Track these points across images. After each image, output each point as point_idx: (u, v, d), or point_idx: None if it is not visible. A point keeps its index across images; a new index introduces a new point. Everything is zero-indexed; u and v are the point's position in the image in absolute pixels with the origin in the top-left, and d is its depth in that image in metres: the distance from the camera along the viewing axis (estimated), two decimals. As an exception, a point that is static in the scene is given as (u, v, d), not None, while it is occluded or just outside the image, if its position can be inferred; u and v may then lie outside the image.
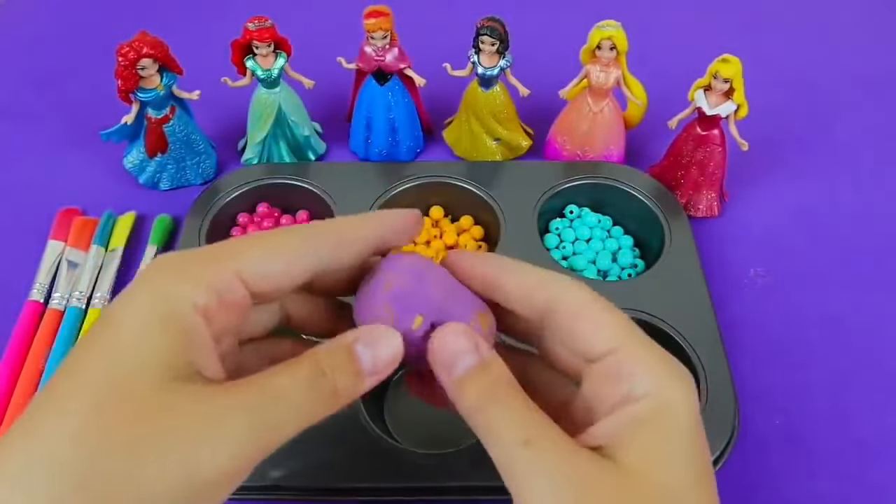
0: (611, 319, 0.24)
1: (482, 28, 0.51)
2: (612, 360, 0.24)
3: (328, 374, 0.23)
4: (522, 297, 0.26)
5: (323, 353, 0.23)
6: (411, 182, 0.53)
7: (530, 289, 0.25)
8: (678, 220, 0.51)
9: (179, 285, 0.22)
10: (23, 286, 0.49)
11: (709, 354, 0.43)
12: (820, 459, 0.43)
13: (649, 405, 0.23)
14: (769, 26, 0.73)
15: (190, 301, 0.22)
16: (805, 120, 0.64)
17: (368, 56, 0.53)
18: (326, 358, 0.23)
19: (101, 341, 0.21)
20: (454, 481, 0.38)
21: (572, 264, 0.51)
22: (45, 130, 0.62)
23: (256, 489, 0.38)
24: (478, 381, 0.24)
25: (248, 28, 0.51)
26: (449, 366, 0.24)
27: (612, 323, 0.24)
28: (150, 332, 0.21)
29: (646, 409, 0.22)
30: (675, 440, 0.22)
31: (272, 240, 0.24)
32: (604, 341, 0.24)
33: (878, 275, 0.52)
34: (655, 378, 0.23)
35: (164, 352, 0.21)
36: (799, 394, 0.46)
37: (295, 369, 0.23)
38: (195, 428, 0.20)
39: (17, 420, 0.20)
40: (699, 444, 0.23)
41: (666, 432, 0.22)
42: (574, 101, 0.55)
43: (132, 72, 0.49)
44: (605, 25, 0.51)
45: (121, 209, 0.55)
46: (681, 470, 0.22)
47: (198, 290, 0.22)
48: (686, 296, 0.46)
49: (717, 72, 0.49)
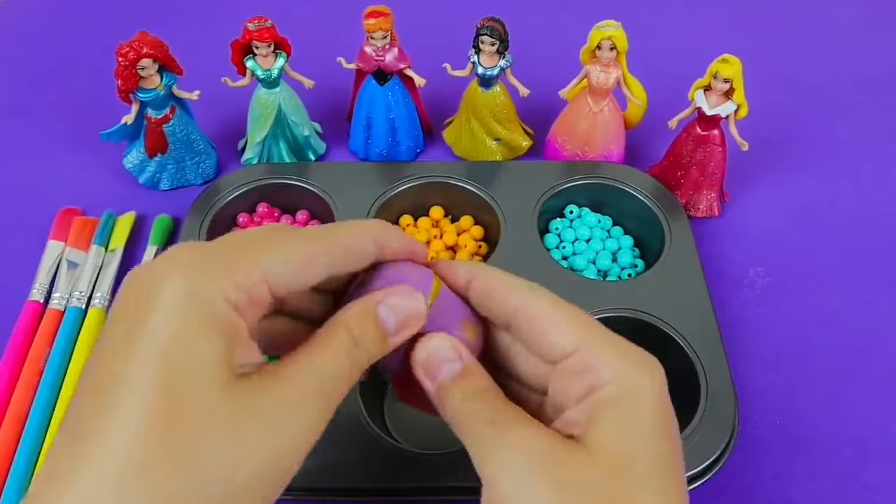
0: (571, 320, 0.25)
1: (482, 28, 0.51)
2: (576, 358, 0.24)
3: (360, 343, 0.24)
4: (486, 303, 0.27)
5: (352, 321, 0.25)
6: (411, 182, 0.53)
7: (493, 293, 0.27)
8: (678, 220, 0.51)
9: (212, 282, 0.21)
10: (23, 286, 0.49)
11: (709, 354, 0.43)
12: (820, 459, 0.43)
13: (612, 390, 0.23)
14: (769, 26, 0.73)
15: (226, 298, 0.21)
16: (805, 120, 0.64)
17: (368, 56, 0.53)
18: (356, 326, 0.24)
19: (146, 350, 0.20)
20: (454, 481, 0.38)
21: (572, 264, 0.51)
22: (45, 130, 0.62)
23: (256, 489, 0.38)
24: (460, 386, 0.25)
25: (248, 28, 0.51)
26: (432, 373, 0.25)
27: (573, 322, 0.25)
28: (196, 337, 0.20)
29: (609, 393, 0.23)
30: (637, 418, 0.23)
31: (295, 243, 0.24)
32: (566, 341, 0.25)
33: (878, 274, 0.52)
34: (618, 366, 0.24)
35: (214, 355, 0.21)
36: (799, 394, 0.46)
37: (335, 344, 0.24)
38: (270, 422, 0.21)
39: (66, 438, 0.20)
40: (665, 421, 0.23)
41: (629, 411, 0.23)
42: (574, 101, 0.55)
43: (132, 72, 0.49)
44: (605, 25, 0.51)
45: (121, 209, 0.55)
46: (643, 443, 0.22)
47: (229, 287, 0.22)
48: (686, 296, 0.46)
49: (717, 72, 0.49)
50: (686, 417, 0.41)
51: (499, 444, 0.23)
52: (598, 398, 0.23)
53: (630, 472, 0.22)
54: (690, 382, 0.42)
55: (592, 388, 0.24)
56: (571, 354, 0.24)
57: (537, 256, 0.49)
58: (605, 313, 0.45)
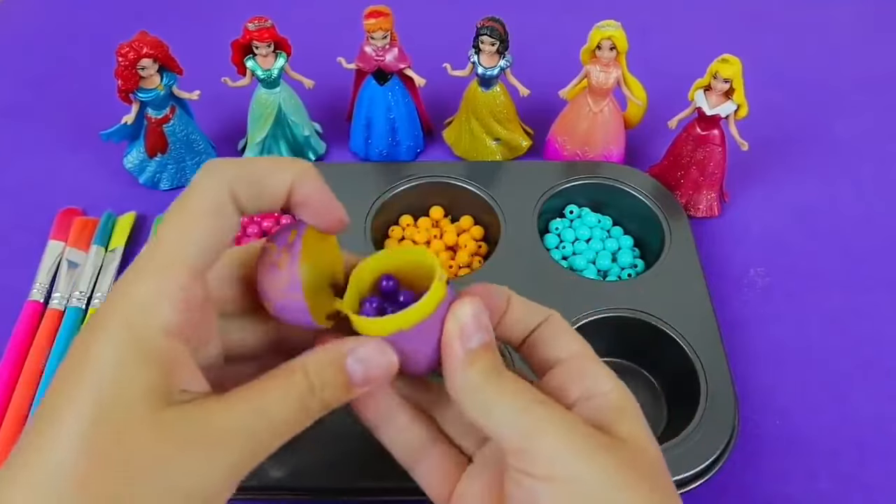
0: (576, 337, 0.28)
1: (482, 28, 0.51)
2: (576, 362, 0.27)
3: (317, 390, 0.23)
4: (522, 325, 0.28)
5: (313, 366, 0.23)
6: (411, 182, 0.53)
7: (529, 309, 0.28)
8: (678, 220, 0.51)
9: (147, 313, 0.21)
10: (23, 286, 0.49)
11: (709, 354, 0.43)
12: (820, 459, 0.43)
13: (617, 396, 0.26)
14: (769, 26, 0.73)
15: (161, 328, 0.21)
16: (805, 120, 0.64)
17: (368, 56, 0.53)
18: (317, 373, 0.23)
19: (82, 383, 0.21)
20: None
21: (572, 264, 0.51)
22: (45, 130, 0.62)
23: (257, 489, 0.38)
24: (485, 357, 0.25)
25: (248, 28, 0.51)
26: (466, 337, 0.25)
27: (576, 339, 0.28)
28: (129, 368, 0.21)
29: (616, 399, 0.26)
30: (640, 417, 0.26)
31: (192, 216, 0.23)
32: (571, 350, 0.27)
33: (878, 274, 0.52)
34: (612, 380, 0.26)
35: (146, 383, 0.21)
36: (799, 394, 0.46)
37: (286, 385, 0.23)
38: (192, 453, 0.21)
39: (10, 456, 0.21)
40: None
41: (634, 413, 0.26)
42: (574, 101, 0.55)
43: (132, 72, 0.49)
44: (605, 25, 0.51)
45: (121, 209, 0.55)
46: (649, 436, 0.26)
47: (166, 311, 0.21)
48: (686, 296, 0.46)
49: (716, 72, 0.49)
50: (686, 417, 0.41)
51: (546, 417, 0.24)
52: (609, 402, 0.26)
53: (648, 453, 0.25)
54: (690, 382, 0.42)
55: (592, 392, 0.26)
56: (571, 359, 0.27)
57: (537, 256, 0.49)
58: (605, 313, 0.45)
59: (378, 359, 0.24)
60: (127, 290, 0.22)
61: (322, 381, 0.23)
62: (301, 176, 0.24)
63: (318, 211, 0.25)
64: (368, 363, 0.24)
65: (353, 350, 0.24)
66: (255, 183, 0.24)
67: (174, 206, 0.23)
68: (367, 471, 0.38)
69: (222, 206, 0.23)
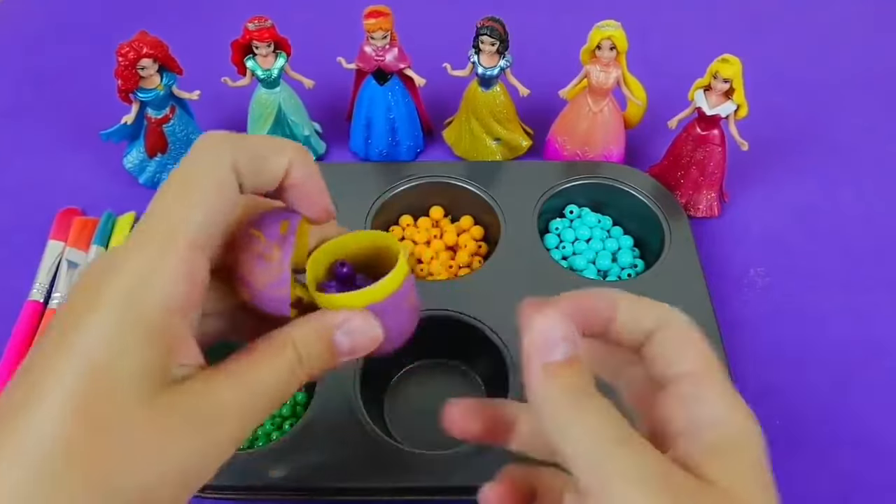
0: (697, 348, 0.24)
1: (482, 28, 0.51)
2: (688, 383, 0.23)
3: (304, 361, 0.23)
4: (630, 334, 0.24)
5: (301, 340, 0.24)
6: (411, 182, 0.53)
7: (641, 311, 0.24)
8: (678, 220, 0.51)
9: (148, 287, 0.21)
10: (23, 286, 0.49)
11: (709, 354, 0.43)
12: (820, 459, 0.43)
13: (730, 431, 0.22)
14: (769, 26, 0.73)
15: (161, 303, 0.21)
16: (805, 120, 0.64)
17: (368, 56, 0.53)
18: (304, 346, 0.24)
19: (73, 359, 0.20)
20: (454, 481, 0.38)
21: (572, 264, 0.51)
22: (45, 130, 0.62)
23: (257, 489, 0.38)
24: (568, 372, 0.22)
25: (248, 28, 0.51)
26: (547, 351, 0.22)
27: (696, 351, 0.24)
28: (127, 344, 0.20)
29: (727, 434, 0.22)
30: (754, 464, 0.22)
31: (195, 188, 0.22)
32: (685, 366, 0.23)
33: (878, 274, 0.52)
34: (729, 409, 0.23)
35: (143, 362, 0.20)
36: (799, 394, 0.46)
37: (275, 361, 0.23)
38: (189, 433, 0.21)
39: None
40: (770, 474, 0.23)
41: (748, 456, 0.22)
42: (574, 101, 0.55)
43: (132, 72, 0.49)
44: (604, 25, 0.51)
45: (121, 209, 0.55)
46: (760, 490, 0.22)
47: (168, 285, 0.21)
48: (686, 296, 0.46)
49: (716, 72, 0.49)
50: (686, 417, 0.41)
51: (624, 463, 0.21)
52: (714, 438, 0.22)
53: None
54: (690, 382, 0.42)
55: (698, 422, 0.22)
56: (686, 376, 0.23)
57: (537, 256, 0.49)
58: (605, 313, 0.45)
59: (367, 331, 0.24)
60: (126, 260, 0.21)
61: (309, 353, 0.24)
62: (297, 158, 0.24)
63: (309, 197, 0.25)
64: (355, 335, 0.24)
65: (343, 324, 0.24)
66: (257, 159, 0.23)
67: (174, 177, 0.22)
68: (367, 471, 0.38)
69: (226, 179, 0.22)
